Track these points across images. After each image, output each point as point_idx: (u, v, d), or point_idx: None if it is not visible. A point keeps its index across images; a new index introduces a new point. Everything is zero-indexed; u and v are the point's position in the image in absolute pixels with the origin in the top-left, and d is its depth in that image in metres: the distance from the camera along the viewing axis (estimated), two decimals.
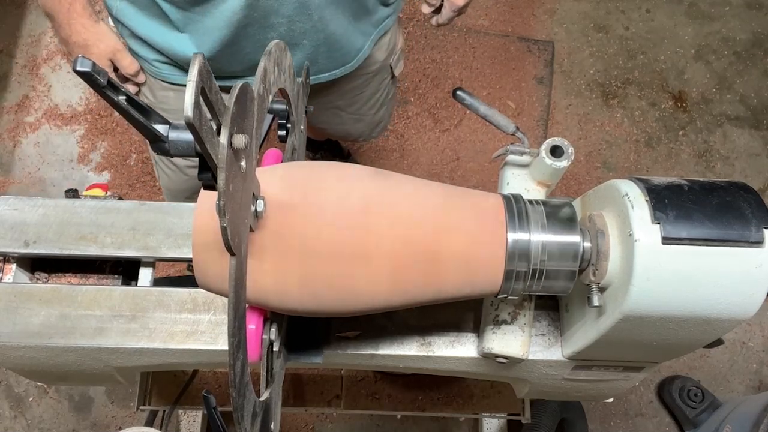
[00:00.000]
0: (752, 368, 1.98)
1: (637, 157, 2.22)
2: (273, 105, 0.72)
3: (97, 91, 0.48)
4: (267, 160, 0.71)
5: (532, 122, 2.24)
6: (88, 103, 2.17)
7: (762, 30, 2.42)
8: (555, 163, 0.76)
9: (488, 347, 0.76)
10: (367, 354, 0.80)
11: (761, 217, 0.62)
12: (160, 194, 2.07)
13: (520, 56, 2.33)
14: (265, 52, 0.57)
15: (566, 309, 0.79)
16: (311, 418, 1.84)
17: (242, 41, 0.99)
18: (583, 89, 2.31)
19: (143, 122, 0.51)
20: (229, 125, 0.45)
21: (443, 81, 2.26)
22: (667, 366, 1.93)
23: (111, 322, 0.79)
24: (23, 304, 0.80)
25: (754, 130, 2.28)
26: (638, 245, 0.61)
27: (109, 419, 1.84)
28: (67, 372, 0.84)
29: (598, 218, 0.67)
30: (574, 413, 1.74)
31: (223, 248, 0.48)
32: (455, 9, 1.13)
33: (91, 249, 0.83)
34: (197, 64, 0.42)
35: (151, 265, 0.86)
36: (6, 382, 1.85)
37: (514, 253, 0.63)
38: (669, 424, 1.91)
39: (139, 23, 1.03)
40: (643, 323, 0.65)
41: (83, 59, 0.46)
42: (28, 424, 1.83)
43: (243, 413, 0.55)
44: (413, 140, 2.19)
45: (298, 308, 0.64)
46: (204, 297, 0.81)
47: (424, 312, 0.81)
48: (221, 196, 0.45)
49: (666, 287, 0.62)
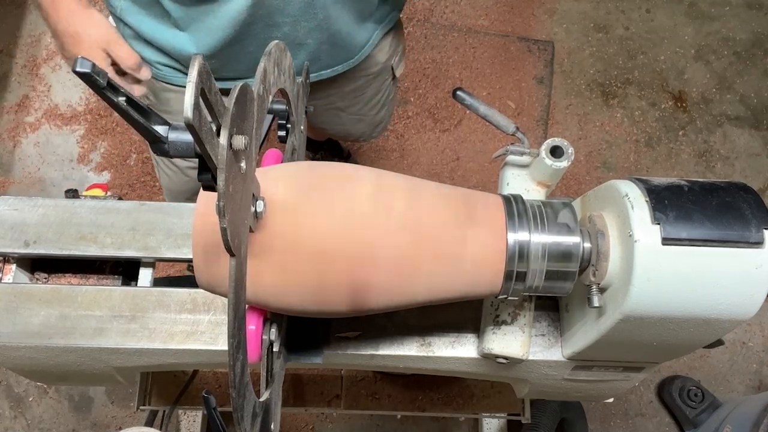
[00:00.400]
0: (752, 368, 1.98)
1: (637, 157, 2.22)
2: (273, 105, 0.72)
3: (96, 92, 0.48)
4: (267, 160, 0.71)
5: (532, 122, 2.24)
6: (88, 103, 2.17)
7: (762, 30, 2.42)
8: (555, 164, 0.76)
9: (488, 347, 0.76)
10: (367, 354, 0.80)
11: (761, 217, 0.62)
12: (160, 194, 2.07)
13: (520, 56, 2.33)
14: (265, 53, 0.57)
15: (566, 309, 0.79)
16: (311, 418, 1.84)
17: (246, 40, 0.98)
18: (583, 89, 2.31)
19: (143, 123, 0.51)
20: (228, 126, 0.45)
21: (443, 81, 2.26)
22: (667, 366, 1.93)
23: (111, 323, 0.79)
24: (23, 304, 0.80)
25: (754, 130, 2.28)
26: (638, 246, 0.61)
27: (109, 419, 1.84)
28: (67, 372, 0.84)
29: (598, 219, 0.67)
30: (574, 413, 1.74)
31: (222, 249, 0.48)
32: None
33: (91, 249, 0.83)
34: (197, 65, 0.42)
35: (151, 266, 0.86)
36: (6, 382, 1.85)
37: (514, 253, 0.63)
38: (669, 424, 1.91)
39: (142, 23, 1.02)
40: (643, 324, 0.65)
41: (83, 60, 0.46)
42: (28, 424, 1.83)
43: (243, 413, 0.55)
44: (413, 140, 2.19)
45: (298, 309, 0.64)
46: (204, 297, 0.81)
47: (424, 312, 0.81)
48: (221, 197, 0.45)
49: (666, 288, 0.62)
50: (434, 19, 2.36)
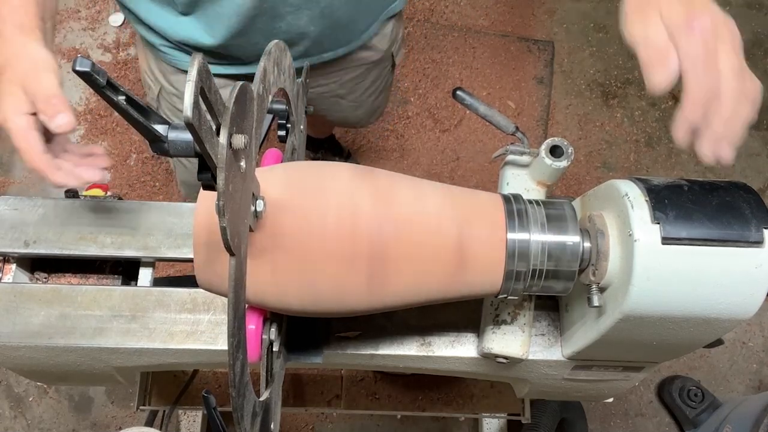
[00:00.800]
0: (752, 368, 1.98)
1: (637, 157, 2.22)
2: (273, 105, 0.72)
3: (96, 91, 0.48)
4: (267, 160, 0.71)
5: (532, 122, 2.24)
6: (88, 103, 2.17)
7: (762, 30, 2.42)
8: (555, 163, 0.76)
9: (488, 347, 0.76)
10: (367, 354, 0.80)
11: (761, 217, 0.62)
12: (160, 194, 2.07)
13: (520, 56, 2.33)
14: (265, 52, 0.57)
15: (566, 309, 0.79)
16: (311, 418, 1.84)
17: (251, 32, 0.98)
18: (583, 89, 2.31)
19: (142, 122, 0.51)
20: (228, 125, 0.45)
21: (443, 81, 2.26)
22: (667, 366, 1.93)
23: (111, 322, 0.79)
24: (23, 304, 0.80)
25: (754, 130, 2.28)
26: (638, 245, 0.61)
27: (109, 419, 1.84)
28: (67, 372, 0.84)
29: (598, 218, 0.67)
30: (574, 413, 1.74)
31: (222, 248, 0.48)
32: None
33: (91, 249, 0.83)
34: (196, 64, 0.42)
35: (151, 265, 0.86)
36: (6, 382, 1.85)
37: (513, 253, 0.63)
38: (669, 424, 1.91)
39: (144, 9, 1.01)
40: (643, 323, 0.65)
41: (82, 59, 0.46)
42: (28, 424, 1.83)
43: (243, 413, 0.55)
44: (413, 140, 2.19)
45: (298, 309, 0.64)
46: (204, 297, 0.81)
47: (424, 312, 0.81)
48: (221, 197, 0.45)
49: (666, 287, 0.62)
50: (434, 19, 2.36)
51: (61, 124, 0.68)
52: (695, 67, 0.58)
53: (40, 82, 0.69)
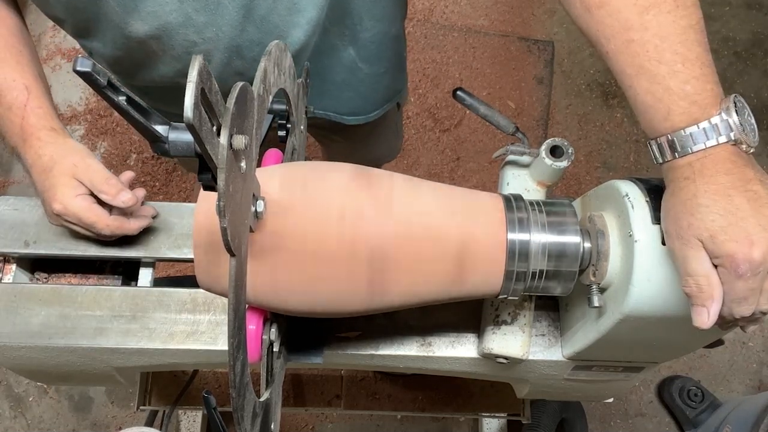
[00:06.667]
0: (752, 368, 1.98)
1: (637, 157, 2.22)
2: (273, 105, 0.72)
3: (97, 92, 0.48)
4: (267, 160, 0.71)
5: (532, 122, 2.24)
6: (88, 103, 2.17)
7: (762, 30, 2.42)
8: (555, 163, 0.76)
9: (488, 347, 0.76)
10: (367, 354, 0.80)
11: None
12: (160, 194, 2.07)
13: (520, 56, 2.33)
14: (265, 53, 0.57)
15: (566, 309, 0.79)
16: (311, 418, 1.84)
17: None
18: (583, 89, 2.30)
19: (143, 123, 0.51)
20: (229, 126, 0.45)
21: (443, 81, 2.26)
22: (667, 366, 1.93)
23: (111, 323, 0.79)
24: (23, 304, 0.80)
25: None
26: (638, 246, 0.61)
27: (109, 419, 1.84)
28: (67, 372, 0.84)
29: (599, 219, 0.67)
30: (574, 413, 1.74)
31: (223, 249, 0.48)
32: None
33: (91, 249, 0.83)
34: (197, 65, 0.42)
35: (151, 265, 0.86)
36: (6, 382, 1.85)
37: (514, 253, 0.63)
38: (669, 424, 1.91)
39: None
40: (643, 323, 0.65)
41: (83, 59, 0.46)
42: (28, 424, 1.83)
43: (243, 414, 0.55)
44: (413, 140, 2.19)
45: (298, 309, 0.64)
46: (204, 297, 0.81)
47: (424, 312, 0.81)
48: (221, 197, 0.45)
49: (666, 287, 0.62)
50: (434, 19, 2.36)
51: (125, 200, 0.79)
52: (738, 305, 0.55)
53: (92, 168, 0.78)
